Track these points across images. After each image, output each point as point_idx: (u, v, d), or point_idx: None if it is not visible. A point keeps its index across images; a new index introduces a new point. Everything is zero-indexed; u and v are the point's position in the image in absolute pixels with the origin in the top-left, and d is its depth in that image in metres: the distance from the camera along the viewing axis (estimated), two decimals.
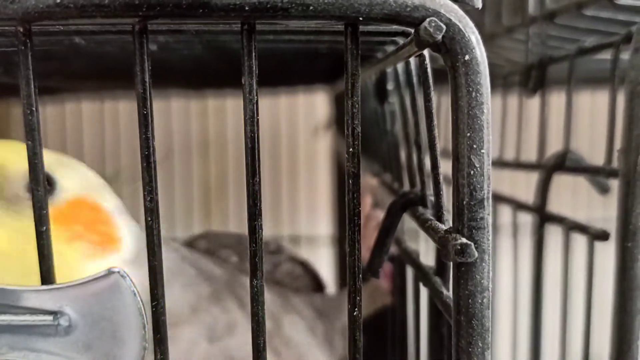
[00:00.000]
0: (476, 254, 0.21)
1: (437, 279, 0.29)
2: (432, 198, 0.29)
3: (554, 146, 0.44)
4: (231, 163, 1.22)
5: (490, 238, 0.22)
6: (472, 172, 0.22)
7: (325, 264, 1.25)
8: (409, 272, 0.38)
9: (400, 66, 0.33)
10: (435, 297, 0.28)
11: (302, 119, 1.22)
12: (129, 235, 0.38)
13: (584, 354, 0.39)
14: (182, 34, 0.26)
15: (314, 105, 1.22)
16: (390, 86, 0.36)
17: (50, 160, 0.35)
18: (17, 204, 0.34)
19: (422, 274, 0.31)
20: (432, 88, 0.26)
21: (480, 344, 0.22)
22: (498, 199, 0.50)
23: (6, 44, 0.31)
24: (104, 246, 0.37)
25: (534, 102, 0.46)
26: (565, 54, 0.40)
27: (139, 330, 0.21)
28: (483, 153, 0.22)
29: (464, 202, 0.22)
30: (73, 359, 0.22)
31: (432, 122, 0.26)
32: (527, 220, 0.47)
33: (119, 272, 0.21)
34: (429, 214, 0.28)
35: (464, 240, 0.22)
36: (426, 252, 0.38)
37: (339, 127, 1.12)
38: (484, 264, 0.22)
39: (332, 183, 1.24)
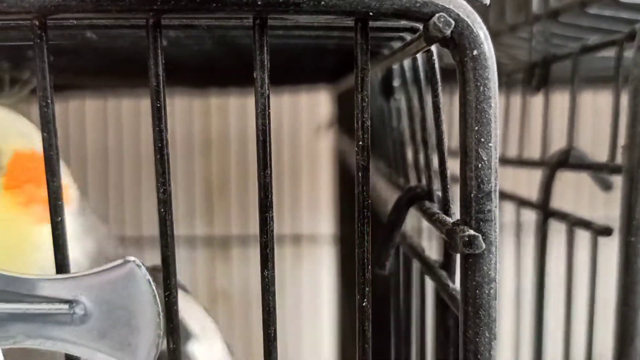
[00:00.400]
0: (484, 246, 0.22)
1: (442, 272, 0.30)
2: (439, 193, 0.29)
3: (557, 143, 0.45)
4: (233, 161, 1.22)
5: (497, 230, 0.23)
6: (479, 165, 0.22)
7: (327, 263, 1.25)
8: (414, 267, 0.39)
9: (406, 62, 0.33)
10: (441, 289, 0.29)
11: (304, 118, 1.22)
12: (66, 178, 0.35)
13: (587, 348, 0.40)
14: (194, 29, 0.27)
15: (316, 104, 1.23)
16: (396, 83, 0.37)
17: None
18: None
19: (427, 267, 0.31)
20: (439, 84, 0.26)
21: (487, 334, 0.23)
22: (501, 195, 0.51)
23: (19, 38, 0.31)
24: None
25: (537, 100, 0.46)
26: (569, 52, 0.40)
27: (154, 319, 0.21)
28: (490, 146, 0.22)
29: (472, 195, 0.22)
30: (88, 346, 0.22)
31: (439, 118, 0.26)
32: (530, 217, 0.47)
33: (134, 261, 0.21)
34: (435, 208, 0.28)
35: (472, 232, 0.22)
36: (428, 249, 0.38)
37: (342, 126, 1.12)
38: (491, 255, 0.22)
39: (334, 182, 1.24)
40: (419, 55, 0.29)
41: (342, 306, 1.20)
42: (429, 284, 0.35)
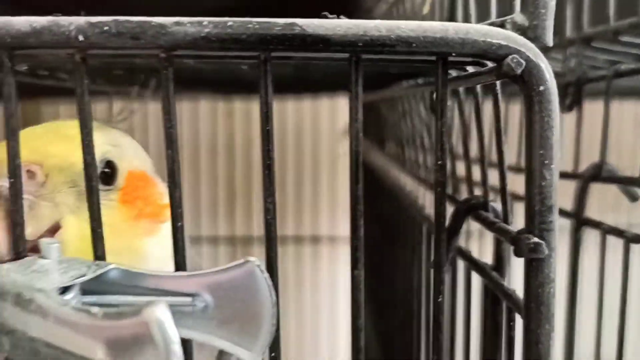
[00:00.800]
0: (547, 251, 0.26)
1: (494, 273, 0.34)
2: (492, 204, 0.33)
3: (587, 153, 0.48)
4: (256, 164, 1.26)
5: (556, 238, 0.26)
6: (543, 184, 0.26)
7: (344, 263, 1.29)
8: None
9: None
10: (496, 289, 0.32)
11: (325, 123, 1.26)
12: (167, 198, 0.39)
13: (618, 352, 0.43)
14: (291, 59, 0.30)
15: (336, 109, 1.26)
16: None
17: (105, 144, 0.35)
18: None
19: (479, 269, 0.35)
20: (501, 110, 0.30)
21: (547, 326, 0.26)
22: None
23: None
24: (158, 218, 0.37)
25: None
26: (603, 75, 0.44)
27: (270, 310, 0.25)
28: (553, 168, 0.26)
29: (536, 209, 0.26)
30: (209, 333, 0.26)
31: (501, 140, 0.30)
32: (562, 223, 0.50)
33: (254, 262, 0.25)
34: (491, 217, 0.32)
35: (537, 239, 0.26)
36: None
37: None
38: (551, 259, 0.26)
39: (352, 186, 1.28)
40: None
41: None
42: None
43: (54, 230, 0.32)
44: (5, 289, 0.25)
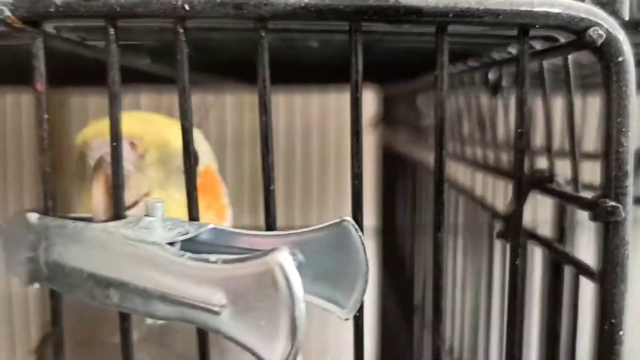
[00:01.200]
0: (623, 214, 0.27)
1: (559, 245, 0.35)
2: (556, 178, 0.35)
3: None
4: (279, 156, 1.28)
5: (631, 202, 0.28)
6: (620, 150, 0.27)
7: (369, 254, 1.30)
8: None
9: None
10: (563, 258, 0.34)
11: (349, 115, 1.27)
12: (225, 199, 0.42)
13: None
14: (372, 34, 0.32)
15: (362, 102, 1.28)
16: (505, 82, 0.42)
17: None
18: (179, 176, 0.39)
19: (542, 242, 0.36)
20: (573, 85, 0.31)
21: (622, 286, 0.28)
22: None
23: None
24: (220, 215, 0.41)
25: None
26: None
27: (363, 268, 0.26)
28: (629, 135, 0.27)
29: (613, 174, 0.27)
30: (303, 290, 0.27)
31: (572, 115, 0.31)
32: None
33: (349, 221, 0.26)
34: (559, 188, 0.34)
35: (614, 203, 0.27)
36: None
37: (386, 124, 1.18)
38: (626, 222, 0.28)
39: (377, 177, 1.29)
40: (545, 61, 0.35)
41: (382, 294, 1.25)
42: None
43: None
44: (114, 244, 0.26)
